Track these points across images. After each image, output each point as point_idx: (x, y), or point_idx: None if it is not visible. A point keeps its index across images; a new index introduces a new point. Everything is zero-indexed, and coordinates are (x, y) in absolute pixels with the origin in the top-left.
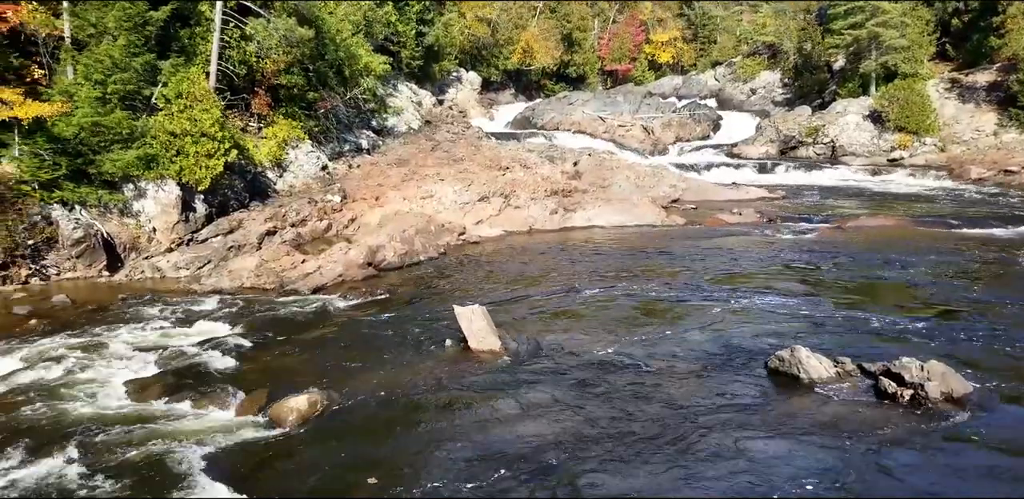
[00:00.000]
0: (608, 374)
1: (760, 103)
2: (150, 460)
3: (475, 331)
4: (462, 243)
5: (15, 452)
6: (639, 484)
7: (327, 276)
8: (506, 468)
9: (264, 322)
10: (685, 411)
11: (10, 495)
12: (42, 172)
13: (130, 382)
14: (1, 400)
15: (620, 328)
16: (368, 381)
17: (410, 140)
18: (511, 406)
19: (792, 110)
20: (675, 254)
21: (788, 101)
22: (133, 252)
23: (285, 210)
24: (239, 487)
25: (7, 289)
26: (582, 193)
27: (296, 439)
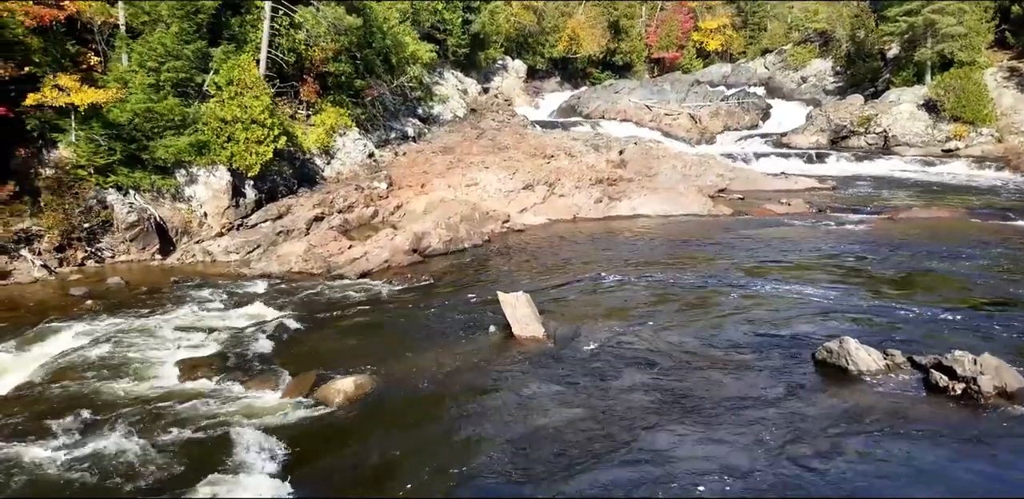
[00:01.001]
0: (652, 362)
1: (811, 92)
2: (200, 438)
3: (519, 318)
4: (506, 231)
5: (73, 426)
6: (681, 471)
7: (373, 262)
8: (546, 452)
9: (312, 306)
10: (730, 401)
11: (67, 467)
12: (97, 157)
13: (181, 362)
14: (59, 377)
15: (664, 316)
16: (413, 365)
17: (455, 128)
18: (553, 392)
19: (844, 99)
20: (721, 244)
21: (840, 90)
22: (185, 236)
23: (332, 196)
24: (286, 465)
25: (64, 271)
26: (627, 182)
27: (342, 420)
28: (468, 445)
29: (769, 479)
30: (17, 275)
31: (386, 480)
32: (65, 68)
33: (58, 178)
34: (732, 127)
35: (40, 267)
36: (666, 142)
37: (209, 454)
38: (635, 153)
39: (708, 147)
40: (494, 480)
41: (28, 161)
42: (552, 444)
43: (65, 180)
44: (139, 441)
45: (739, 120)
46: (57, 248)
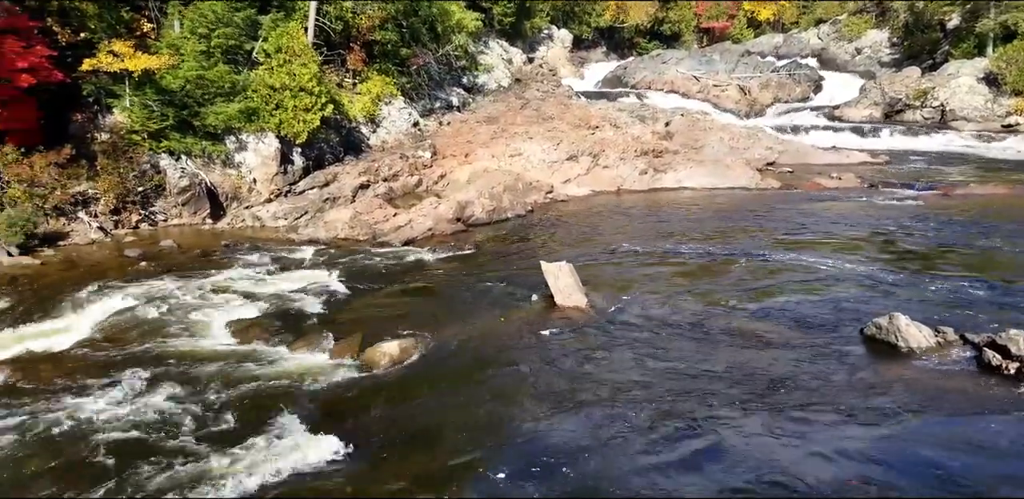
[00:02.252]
0: (696, 334)
1: (865, 63)
2: (249, 396)
3: (561, 287)
4: (549, 201)
5: (126, 383)
6: (719, 445)
7: (417, 230)
8: (586, 420)
9: (357, 271)
10: (774, 374)
11: (120, 421)
12: (151, 122)
13: (231, 323)
14: (115, 335)
15: (709, 289)
16: (456, 331)
17: (500, 98)
18: (595, 361)
19: (899, 71)
20: (769, 218)
21: (895, 62)
22: (235, 201)
23: (378, 165)
24: (331, 424)
25: (120, 233)
26: (673, 154)
27: (387, 382)
28: (508, 411)
29: (815, 455)
30: (75, 236)
31: (428, 442)
32: (119, 34)
33: (113, 143)
34: (782, 99)
35: (96, 229)
36: (714, 114)
37: (257, 412)
38: (682, 125)
39: (757, 119)
40: (532, 445)
41: (85, 126)
42: (592, 412)
43: (120, 145)
44: (189, 398)
45: (790, 92)
46: (113, 211)
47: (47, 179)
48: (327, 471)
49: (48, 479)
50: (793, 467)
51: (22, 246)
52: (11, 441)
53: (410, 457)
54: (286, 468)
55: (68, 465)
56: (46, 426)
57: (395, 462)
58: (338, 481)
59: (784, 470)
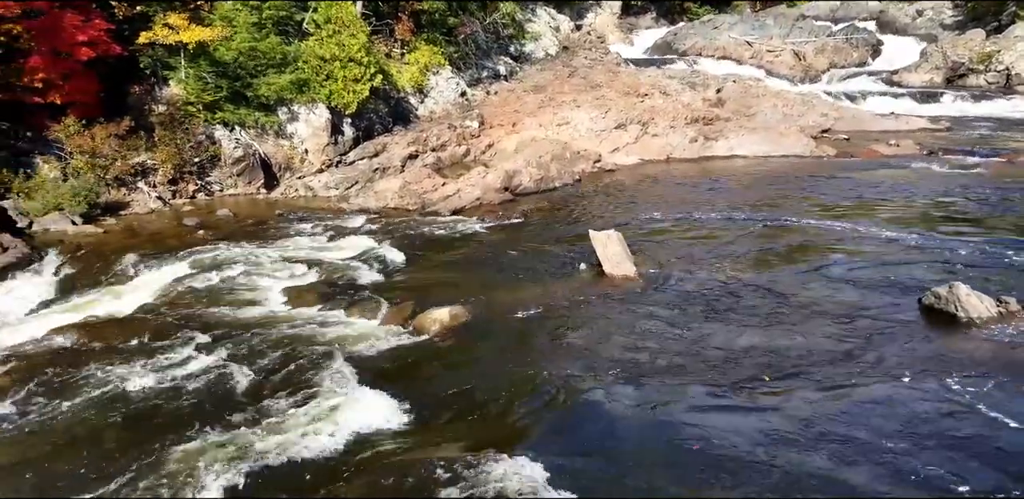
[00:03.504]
0: (745, 303)
1: (926, 26)
2: (304, 360)
3: (610, 256)
4: (597, 170)
5: (187, 347)
6: (772, 418)
7: (465, 199)
8: (631, 387)
9: (407, 240)
10: (829, 345)
11: (180, 383)
12: (205, 94)
13: (287, 290)
14: (175, 300)
15: (760, 258)
16: (505, 299)
17: (547, 66)
18: (645, 329)
19: (963, 34)
20: (823, 186)
21: (958, 24)
22: (287, 172)
23: (426, 135)
24: (385, 386)
25: (177, 202)
26: (724, 121)
27: (438, 348)
28: (556, 377)
29: (875, 429)
30: (135, 206)
31: (476, 405)
32: (174, 7)
33: (170, 114)
34: (839, 64)
35: (155, 199)
36: (767, 80)
37: (313, 374)
38: (733, 91)
39: (812, 85)
40: (578, 410)
41: (142, 97)
42: (641, 380)
43: (176, 116)
44: (248, 359)
45: (847, 57)
46: (170, 181)
47: (108, 150)
48: (381, 431)
49: (112, 434)
50: (850, 439)
51: (85, 215)
52: (78, 399)
53: (459, 420)
54: (342, 427)
55: (130, 422)
56: (111, 386)
57: (445, 424)
58: (391, 441)
59: (843, 442)
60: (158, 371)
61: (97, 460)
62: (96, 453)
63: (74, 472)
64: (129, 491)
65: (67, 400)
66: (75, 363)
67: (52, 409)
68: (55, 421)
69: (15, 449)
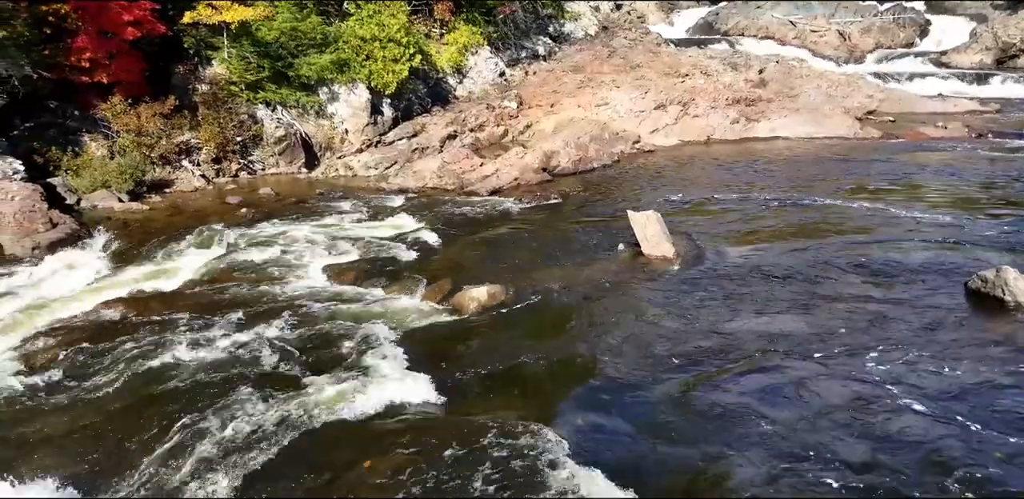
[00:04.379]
0: (786, 286)
1: (976, 6)
2: (346, 334)
3: (649, 236)
4: (636, 152)
5: (229, 321)
6: (811, 401)
7: (503, 179)
8: (668, 367)
9: (446, 219)
10: (872, 329)
11: (222, 354)
12: (248, 74)
13: (327, 267)
14: (218, 276)
15: (803, 240)
16: (543, 278)
17: (586, 46)
18: (680, 308)
19: (1015, 13)
20: (867, 168)
21: (1011, 3)
22: (328, 151)
23: (464, 115)
24: (423, 361)
25: (221, 181)
26: (767, 102)
27: (476, 325)
28: (593, 357)
29: (925, 416)
30: (179, 184)
31: (513, 383)
32: None
33: (213, 93)
34: (885, 45)
35: (199, 177)
36: (811, 60)
37: (353, 348)
38: (776, 72)
39: (857, 66)
40: (614, 389)
41: (186, 77)
42: (677, 361)
43: (220, 95)
44: (289, 334)
45: (893, 37)
46: (214, 160)
47: (153, 129)
48: (418, 405)
49: (156, 404)
50: (892, 426)
51: (132, 192)
52: (125, 370)
53: (495, 396)
54: (381, 401)
55: (174, 392)
56: (156, 357)
57: (481, 400)
58: (428, 414)
59: (883, 429)
60: (201, 344)
61: (142, 428)
62: (142, 421)
63: (119, 439)
64: (172, 457)
65: (114, 370)
66: (122, 335)
67: (100, 379)
68: (103, 390)
69: (65, 417)
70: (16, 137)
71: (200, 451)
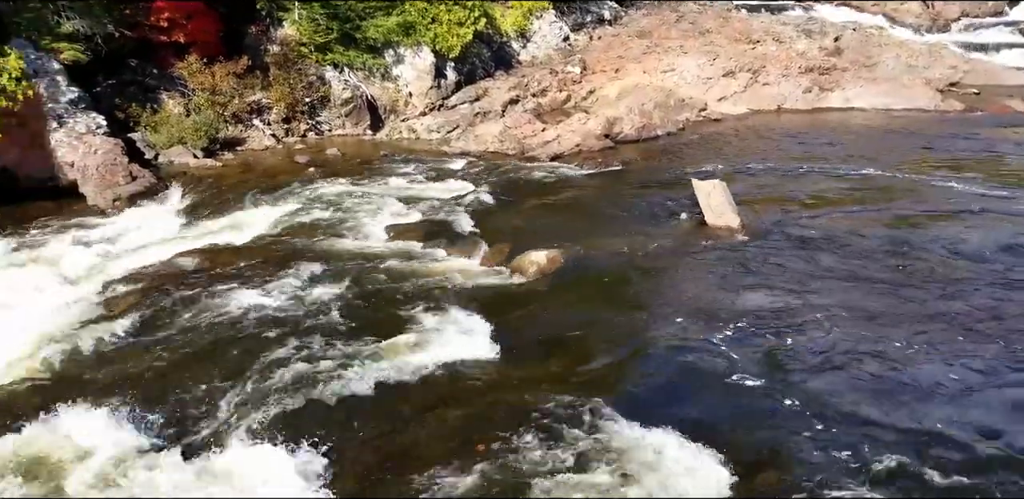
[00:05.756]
0: (854, 262)
1: None
2: (407, 292)
3: (713, 206)
4: (702, 120)
5: (296, 275)
6: (876, 382)
7: (565, 145)
8: (726, 338)
9: (506, 184)
10: (943, 308)
11: (289, 306)
12: (317, 35)
13: (390, 227)
14: (286, 232)
15: (873, 215)
16: (603, 245)
17: (653, 11)
18: (742, 278)
19: None
20: (947, 142)
21: None
22: (392, 114)
23: (527, 80)
24: (482, 323)
25: (290, 141)
26: (841, 71)
27: (535, 289)
28: (652, 325)
29: (989, 400)
30: (251, 142)
31: (569, 348)
32: None
33: (284, 54)
34: (971, 13)
35: (269, 136)
36: (890, 29)
37: (413, 306)
38: (852, 40)
39: (940, 35)
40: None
41: (258, 38)
42: (737, 333)
43: (290, 56)
44: (352, 290)
45: (979, 5)
46: (284, 119)
47: (226, 88)
48: (475, 365)
49: (224, 351)
50: (962, 412)
51: (206, 149)
52: (196, 318)
53: (551, 360)
54: (441, 357)
55: (241, 341)
56: (226, 307)
57: (536, 363)
58: (485, 374)
59: (957, 414)
60: (269, 295)
61: (211, 373)
62: (211, 367)
63: (190, 381)
64: (238, 401)
65: (187, 318)
66: (195, 285)
67: (174, 325)
68: (177, 336)
69: (141, 360)
70: (99, 93)
71: (263, 396)
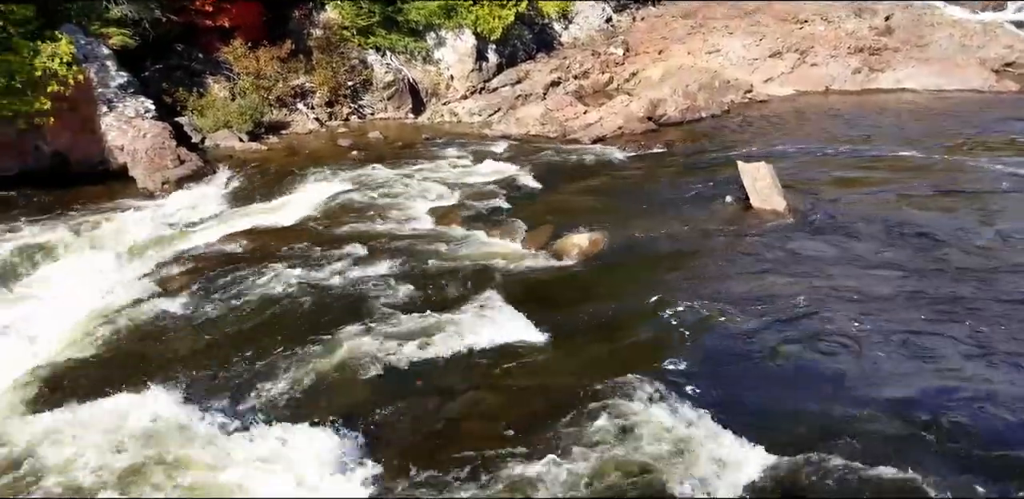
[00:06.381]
0: (904, 248)
1: None
2: (450, 273)
3: (759, 189)
4: (748, 101)
5: (340, 257)
6: (930, 370)
7: (607, 127)
8: (772, 315)
9: (548, 166)
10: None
11: (333, 286)
12: (359, 19)
13: (433, 210)
14: (331, 214)
15: (924, 199)
16: (646, 228)
17: None
18: (795, 266)
19: None
20: (1001, 124)
21: None
22: (433, 97)
23: (569, 62)
24: (524, 304)
25: (333, 124)
26: (892, 51)
27: (575, 271)
28: (694, 309)
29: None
30: (294, 126)
31: (610, 331)
32: None
33: (327, 38)
34: None
35: (313, 120)
36: (943, 7)
37: (455, 287)
38: (904, 19)
39: (996, 14)
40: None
41: (302, 22)
42: (785, 318)
43: (332, 40)
44: (396, 270)
45: None
46: (327, 103)
47: (271, 72)
48: (518, 346)
49: (271, 329)
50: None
51: (251, 133)
52: (244, 297)
53: (591, 342)
54: (484, 338)
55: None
56: (272, 287)
57: (579, 345)
58: (527, 356)
59: (1001, 403)
60: (315, 277)
61: (259, 350)
62: (260, 345)
63: (240, 359)
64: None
65: (234, 297)
66: (243, 265)
67: (221, 304)
68: (226, 315)
69: (194, 338)
70: (147, 78)
71: (310, 373)
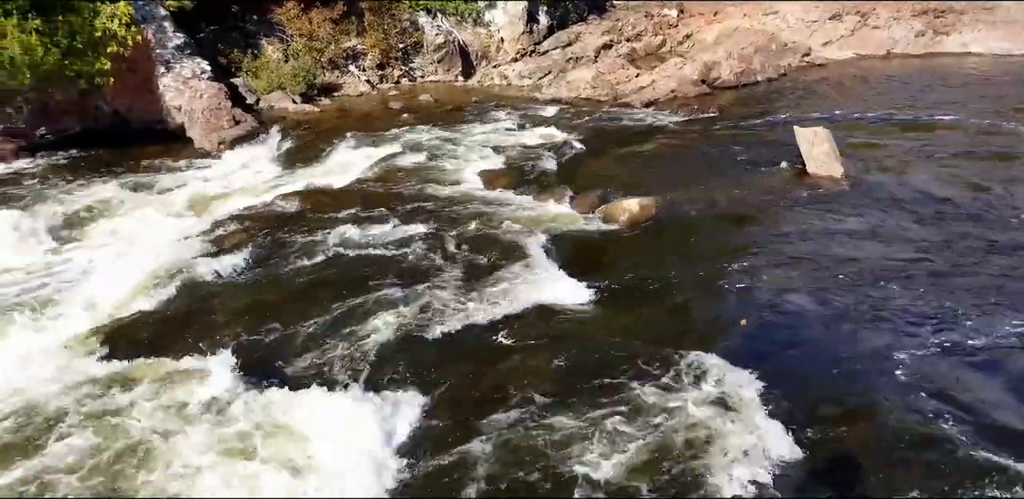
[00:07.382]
0: (967, 220)
1: None
2: (498, 235)
3: (815, 155)
4: (805, 65)
5: (391, 218)
6: (980, 346)
7: (659, 91)
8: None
9: (598, 130)
10: None
11: (385, 249)
12: None
13: (482, 172)
14: (382, 176)
15: (988, 170)
16: (698, 193)
17: None
18: (844, 235)
19: None
20: None
21: None
22: (484, 60)
23: (621, 24)
24: (573, 268)
25: (384, 87)
26: (958, 14)
27: (627, 236)
28: (747, 276)
29: None
30: (346, 88)
31: (659, 297)
32: None
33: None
34: None
35: (364, 82)
36: None
37: (506, 248)
38: None
39: None
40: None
41: None
42: (837, 287)
43: (384, 2)
44: (446, 231)
45: None
46: (378, 66)
47: (323, 34)
48: (566, 309)
49: (324, 289)
50: None
51: (303, 95)
52: (297, 256)
53: (640, 307)
54: (530, 302)
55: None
56: (325, 246)
57: (628, 309)
58: (575, 319)
59: None
60: (366, 238)
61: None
62: (311, 304)
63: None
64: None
65: (289, 256)
66: (296, 225)
67: (278, 263)
68: (279, 273)
69: (247, 294)
70: (203, 39)
71: (359, 334)
